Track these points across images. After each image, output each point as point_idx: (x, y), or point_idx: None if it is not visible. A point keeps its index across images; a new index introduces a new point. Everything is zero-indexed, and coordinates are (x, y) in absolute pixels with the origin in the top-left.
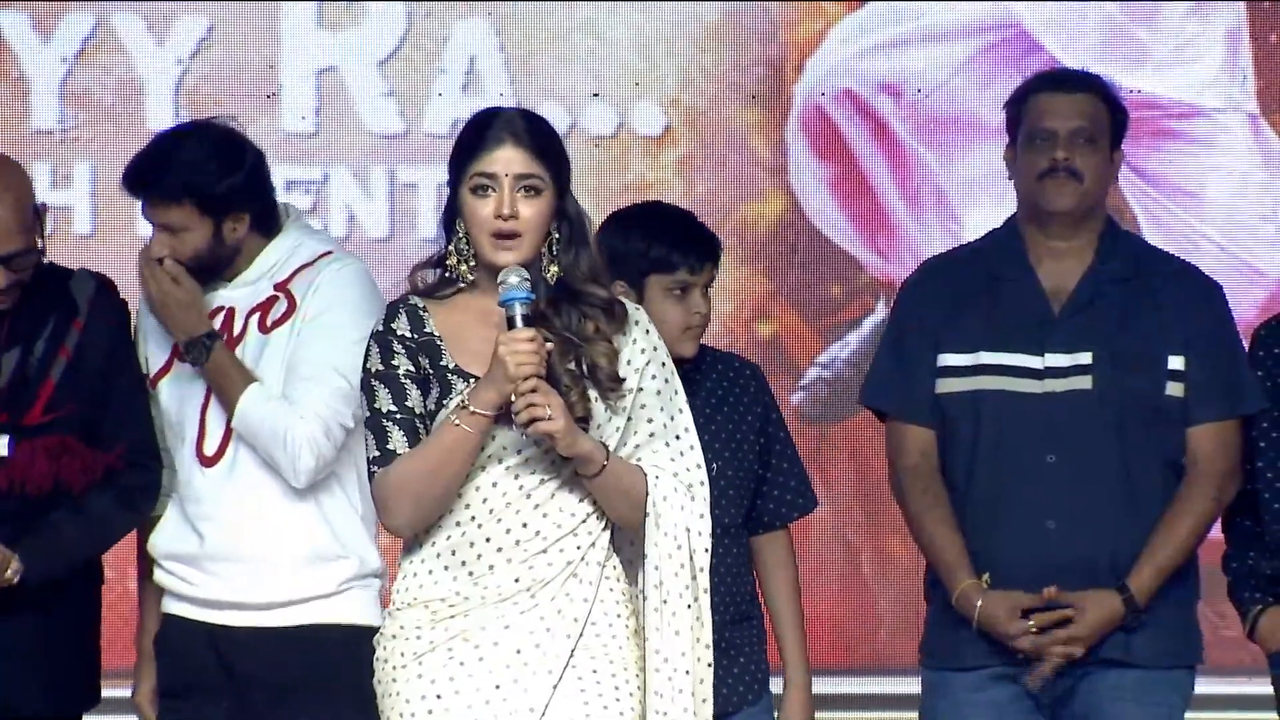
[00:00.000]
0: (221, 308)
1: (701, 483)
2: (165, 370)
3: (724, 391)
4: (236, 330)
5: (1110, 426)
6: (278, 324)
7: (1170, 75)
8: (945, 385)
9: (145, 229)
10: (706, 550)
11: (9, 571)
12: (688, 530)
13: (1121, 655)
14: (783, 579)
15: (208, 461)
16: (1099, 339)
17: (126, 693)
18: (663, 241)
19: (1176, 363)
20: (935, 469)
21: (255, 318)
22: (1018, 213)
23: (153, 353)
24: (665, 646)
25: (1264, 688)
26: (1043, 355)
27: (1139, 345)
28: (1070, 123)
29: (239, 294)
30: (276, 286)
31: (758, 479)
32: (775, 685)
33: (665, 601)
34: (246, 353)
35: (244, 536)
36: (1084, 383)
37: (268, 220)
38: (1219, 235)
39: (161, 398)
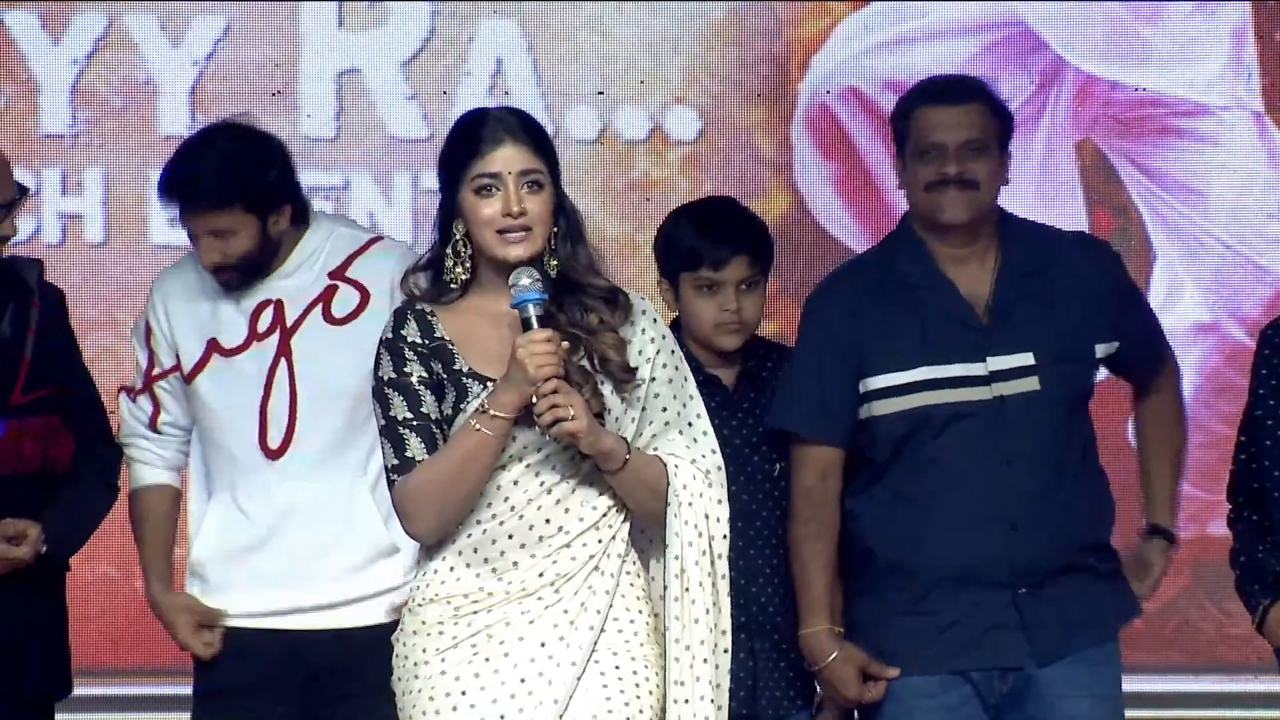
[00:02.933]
0: (268, 300)
1: (719, 468)
2: (202, 365)
3: None
4: (290, 321)
5: (1059, 424)
6: (353, 315)
7: (1175, 73)
8: (884, 406)
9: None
10: (725, 536)
11: (38, 543)
12: (706, 517)
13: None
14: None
15: (273, 454)
16: (1035, 339)
17: (114, 691)
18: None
19: (1102, 350)
20: (831, 495)
21: (318, 309)
22: (912, 219)
23: (183, 346)
24: (686, 635)
25: (1270, 685)
26: (985, 361)
27: (1070, 338)
28: (958, 135)
29: (283, 284)
30: (331, 275)
31: None
32: None
33: (686, 589)
34: (306, 342)
35: (313, 526)
36: (1031, 384)
37: (304, 211)
38: (1224, 233)
39: (201, 391)
